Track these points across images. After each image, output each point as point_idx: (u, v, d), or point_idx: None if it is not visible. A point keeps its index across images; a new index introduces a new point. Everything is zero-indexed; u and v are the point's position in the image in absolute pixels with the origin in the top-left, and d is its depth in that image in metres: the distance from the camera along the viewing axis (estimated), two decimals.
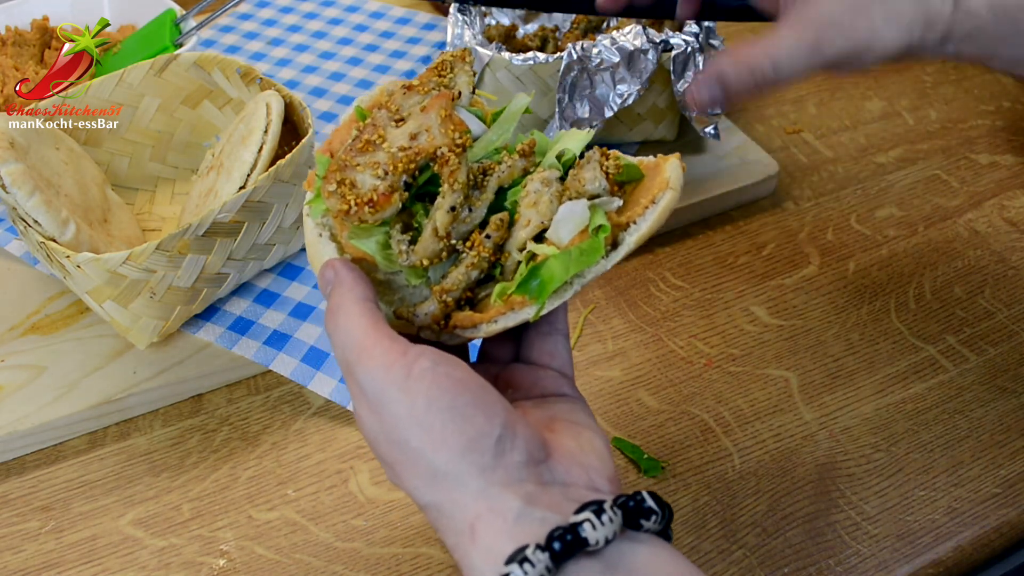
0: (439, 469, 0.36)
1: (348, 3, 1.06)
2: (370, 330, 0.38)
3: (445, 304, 0.42)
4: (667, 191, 0.41)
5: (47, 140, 0.67)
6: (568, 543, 0.34)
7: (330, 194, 0.42)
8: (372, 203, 0.41)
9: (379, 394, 0.37)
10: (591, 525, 0.34)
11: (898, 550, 0.56)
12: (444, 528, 0.37)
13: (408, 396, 0.36)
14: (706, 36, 0.76)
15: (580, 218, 0.41)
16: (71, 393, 0.62)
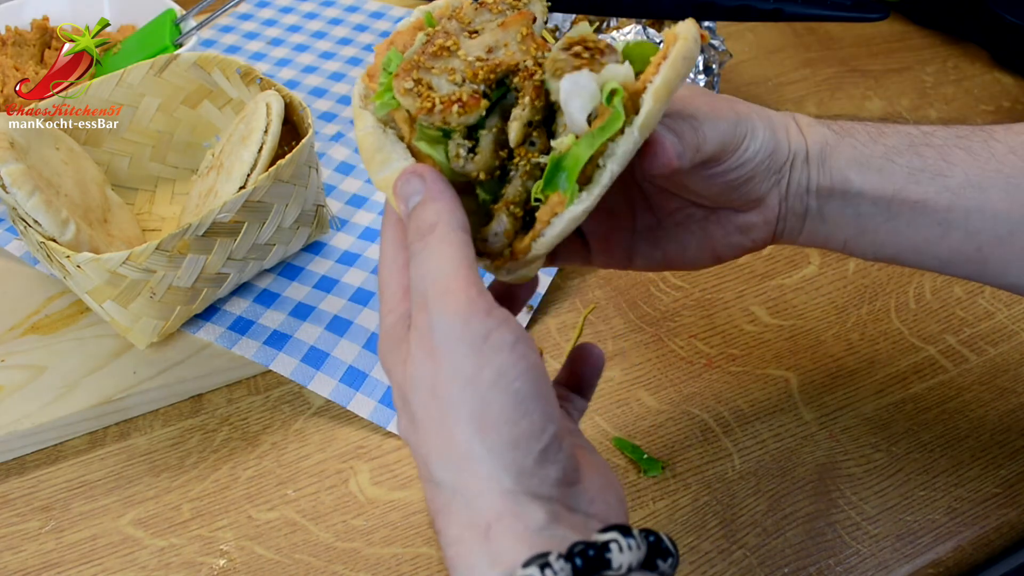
0: (475, 451, 0.33)
1: (348, 3, 1.06)
2: (462, 270, 0.35)
3: (514, 217, 0.39)
4: (677, 41, 0.39)
5: (47, 140, 0.67)
6: (590, 559, 0.31)
7: (407, 91, 0.39)
8: (462, 103, 0.39)
9: (448, 343, 0.34)
10: (618, 547, 0.32)
11: (898, 550, 0.57)
12: (451, 514, 0.34)
13: (478, 360, 0.33)
14: None
15: (587, 90, 0.38)
16: (71, 393, 0.62)
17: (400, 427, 0.37)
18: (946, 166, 0.47)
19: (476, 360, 0.33)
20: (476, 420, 0.33)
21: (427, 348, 0.34)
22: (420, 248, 0.36)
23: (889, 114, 0.92)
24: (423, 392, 0.34)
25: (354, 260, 0.72)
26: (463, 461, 0.33)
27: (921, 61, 1.00)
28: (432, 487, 0.35)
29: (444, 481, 0.34)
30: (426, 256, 0.36)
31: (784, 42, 1.03)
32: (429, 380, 0.34)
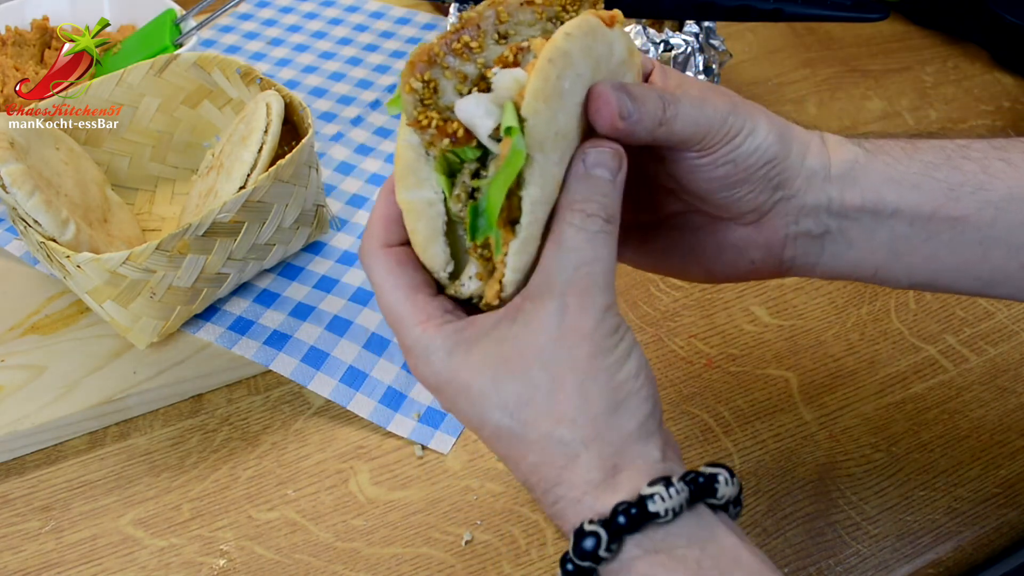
0: (606, 411, 0.37)
1: (348, 3, 1.06)
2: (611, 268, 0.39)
3: (484, 259, 0.39)
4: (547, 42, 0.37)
5: (47, 140, 0.67)
6: (702, 486, 0.36)
7: (412, 90, 0.38)
8: (455, 138, 0.37)
9: (593, 329, 0.37)
10: (724, 480, 0.37)
11: (898, 550, 0.57)
12: (577, 466, 0.37)
13: (614, 342, 0.38)
14: (706, 36, 0.76)
15: (476, 114, 0.37)
16: (71, 393, 0.62)
17: (493, 410, 0.38)
18: (987, 179, 0.45)
19: (614, 340, 0.38)
20: (611, 387, 0.37)
21: (572, 327, 0.37)
22: (597, 230, 0.38)
23: (889, 114, 0.92)
24: (556, 368, 0.37)
25: (354, 260, 0.72)
26: (599, 419, 0.37)
27: (921, 61, 1.00)
28: (554, 449, 0.37)
29: (574, 439, 0.37)
30: (600, 244, 0.38)
31: (784, 42, 1.03)
32: (568, 356, 0.37)
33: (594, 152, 0.39)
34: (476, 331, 0.39)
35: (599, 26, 0.39)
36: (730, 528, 0.37)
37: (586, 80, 0.38)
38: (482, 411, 0.38)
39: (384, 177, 0.81)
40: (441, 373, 0.39)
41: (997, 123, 0.91)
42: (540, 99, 0.36)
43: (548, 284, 0.38)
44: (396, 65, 0.96)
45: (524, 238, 0.38)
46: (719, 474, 0.37)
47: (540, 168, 0.37)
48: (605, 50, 0.39)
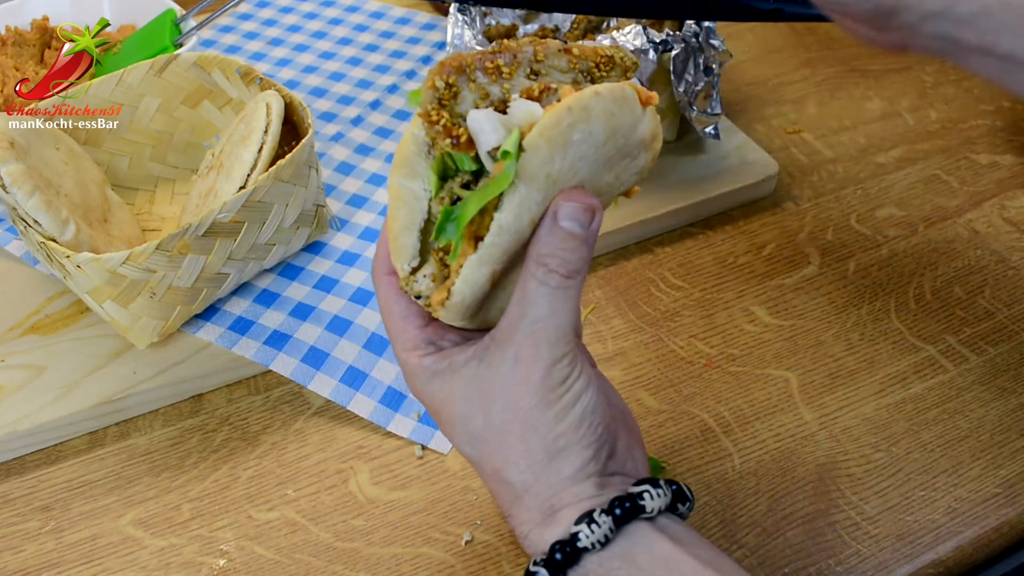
0: (546, 459, 0.40)
1: (348, 3, 1.06)
2: (572, 326, 0.40)
3: (442, 263, 0.40)
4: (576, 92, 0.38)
5: (47, 140, 0.67)
6: (628, 509, 0.39)
7: (433, 86, 0.39)
8: (457, 140, 0.38)
9: (539, 382, 0.39)
10: (650, 496, 0.39)
11: (898, 550, 0.56)
12: (522, 505, 0.40)
13: (558, 395, 0.40)
14: (706, 36, 0.76)
15: (485, 129, 0.38)
16: (71, 393, 0.62)
17: (460, 439, 0.42)
18: None
19: (557, 393, 0.40)
20: (550, 438, 0.40)
21: (522, 378, 0.40)
22: (556, 286, 0.39)
23: (889, 114, 0.92)
24: (508, 413, 0.40)
25: (354, 260, 0.72)
26: (537, 466, 0.40)
27: (921, 61, 1.00)
28: (503, 486, 0.41)
29: (517, 481, 0.40)
30: (557, 300, 0.39)
31: (784, 42, 1.03)
32: (515, 404, 0.40)
33: (566, 206, 0.39)
34: (450, 365, 0.42)
35: (632, 100, 0.40)
36: (668, 535, 0.40)
37: (598, 143, 0.39)
38: (452, 435, 0.43)
39: (384, 177, 0.81)
40: (421, 395, 0.43)
41: (997, 123, 0.91)
42: (545, 138, 0.37)
43: (509, 331, 0.40)
44: (396, 65, 0.96)
45: (481, 256, 0.38)
46: (644, 492, 0.40)
47: (520, 199, 0.38)
48: (628, 124, 0.40)
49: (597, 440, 0.40)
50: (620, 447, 0.42)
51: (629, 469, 0.42)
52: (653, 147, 0.43)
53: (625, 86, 0.39)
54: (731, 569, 0.40)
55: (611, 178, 0.42)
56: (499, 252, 0.39)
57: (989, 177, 0.85)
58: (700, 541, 0.41)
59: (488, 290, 0.40)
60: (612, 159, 0.41)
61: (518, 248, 0.40)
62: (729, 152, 0.82)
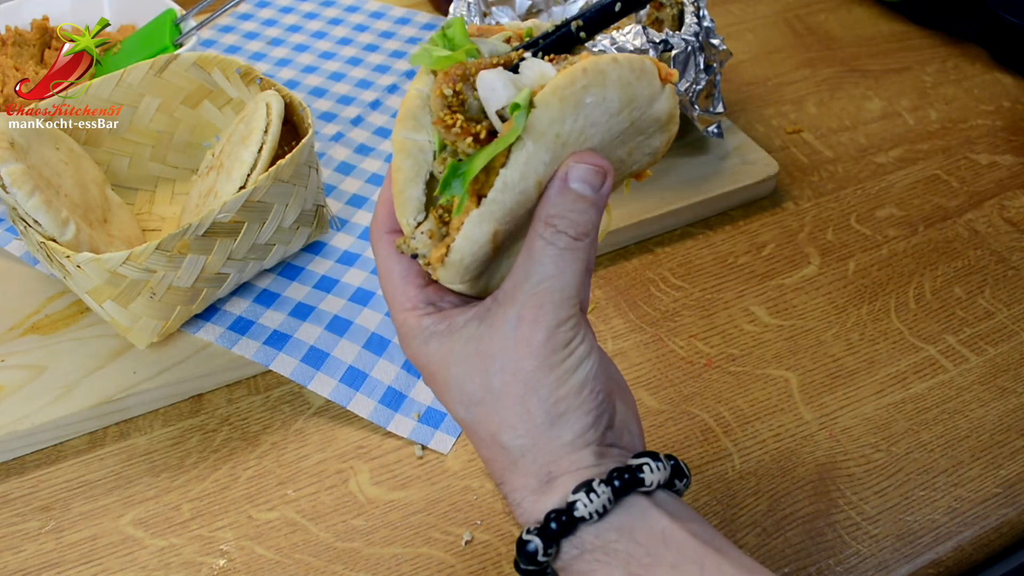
0: (546, 422, 0.39)
1: (348, 3, 1.06)
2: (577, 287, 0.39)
3: (441, 221, 0.40)
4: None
5: (47, 140, 0.67)
6: (627, 480, 0.38)
7: (440, 95, 0.38)
8: (477, 138, 0.38)
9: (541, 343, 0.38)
10: (649, 469, 0.39)
11: (898, 550, 0.56)
12: (517, 469, 0.40)
13: (561, 358, 0.39)
14: (706, 35, 0.76)
15: (495, 89, 0.37)
16: (71, 393, 0.62)
17: (455, 403, 0.41)
18: None
19: (560, 356, 0.39)
20: (551, 402, 0.39)
21: (523, 338, 0.39)
22: (564, 247, 0.38)
23: (889, 114, 0.92)
24: (507, 374, 0.39)
25: (354, 260, 0.72)
26: (536, 431, 0.39)
27: (921, 61, 1.00)
28: (498, 450, 0.40)
29: (514, 445, 0.39)
30: (564, 261, 0.39)
31: (784, 42, 1.03)
32: (515, 365, 0.39)
33: (577, 167, 0.38)
34: (450, 326, 0.41)
35: (652, 74, 0.39)
36: (665, 510, 0.39)
37: (611, 110, 0.38)
38: (447, 399, 0.42)
39: (384, 177, 0.81)
40: (418, 356, 0.42)
41: (997, 123, 0.91)
42: (557, 96, 0.37)
43: (512, 291, 0.39)
44: (396, 65, 0.96)
45: (483, 212, 0.38)
46: (644, 464, 0.39)
47: (528, 156, 0.37)
48: (645, 97, 0.39)
49: (598, 407, 0.40)
50: (618, 419, 0.41)
51: (626, 442, 0.42)
52: (669, 129, 0.42)
53: (646, 59, 0.39)
54: (727, 547, 0.39)
55: (623, 154, 0.41)
56: (502, 210, 0.38)
57: (989, 177, 0.85)
58: (697, 518, 0.40)
59: (490, 253, 0.40)
60: (626, 133, 0.40)
61: (523, 213, 0.39)
62: (729, 152, 0.82)
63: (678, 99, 0.42)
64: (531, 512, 0.39)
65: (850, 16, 1.07)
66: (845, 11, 1.08)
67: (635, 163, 0.43)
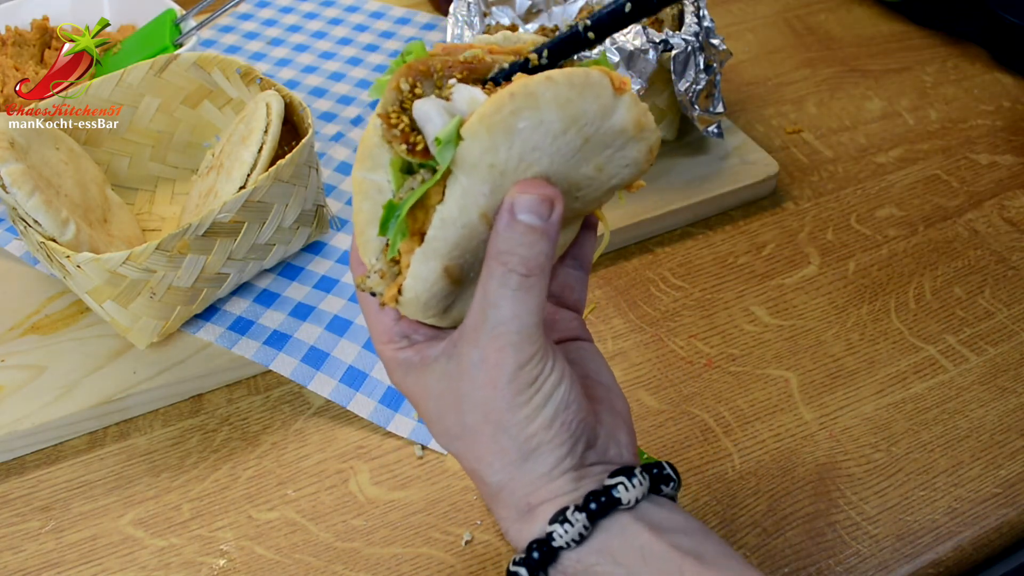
0: (520, 459, 0.39)
1: (348, 3, 1.06)
2: (538, 323, 0.38)
3: (392, 261, 0.39)
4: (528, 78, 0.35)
5: (47, 140, 0.67)
6: (603, 503, 0.38)
7: (397, 88, 0.37)
8: (413, 148, 0.36)
9: (506, 383, 0.38)
10: (624, 487, 0.39)
11: (898, 550, 0.56)
12: (500, 502, 0.40)
13: (528, 396, 0.38)
14: (706, 35, 0.76)
15: (430, 118, 0.36)
16: (71, 393, 0.62)
17: (438, 436, 0.42)
18: None
19: (527, 395, 0.38)
20: (522, 439, 0.39)
21: (488, 381, 0.38)
22: (516, 287, 0.37)
23: (889, 114, 0.92)
24: (478, 414, 0.39)
25: None
26: (511, 467, 0.39)
27: (921, 61, 1.00)
28: (482, 484, 0.41)
29: (492, 481, 0.40)
30: (519, 302, 0.37)
31: (784, 42, 1.03)
32: (484, 407, 0.39)
33: (520, 198, 0.36)
34: (423, 360, 0.41)
35: (599, 86, 0.37)
36: (647, 524, 0.39)
37: (553, 131, 0.36)
38: (431, 430, 0.42)
39: None
40: (400, 388, 0.43)
41: (997, 123, 0.91)
42: (483, 125, 0.35)
43: (473, 332, 0.38)
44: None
45: (426, 250, 0.37)
46: (618, 484, 0.39)
47: (463, 190, 0.36)
48: (593, 112, 0.37)
49: (572, 436, 0.39)
50: (602, 433, 0.41)
51: (612, 455, 0.41)
52: (644, 138, 0.40)
53: (592, 71, 0.37)
54: (715, 553, 0.39)
55: (591, 171, 0.40)
56: (447, 246, 0.37)
57: (989, 177, 0.85)
58: (682, 527, 0.39)
59: (448, 288, 0.39)
60: (584, 150, 0.38)
61: (476, 245, 0.38)
62: (729, 152, 0.82)
63: (645, 106, 0.39)
64: (517, 540, 0.40)
65: (850, 16, 1.07)
66: (845, 11, 1.08)
67: (614, 176, 0.41)
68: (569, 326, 0.45)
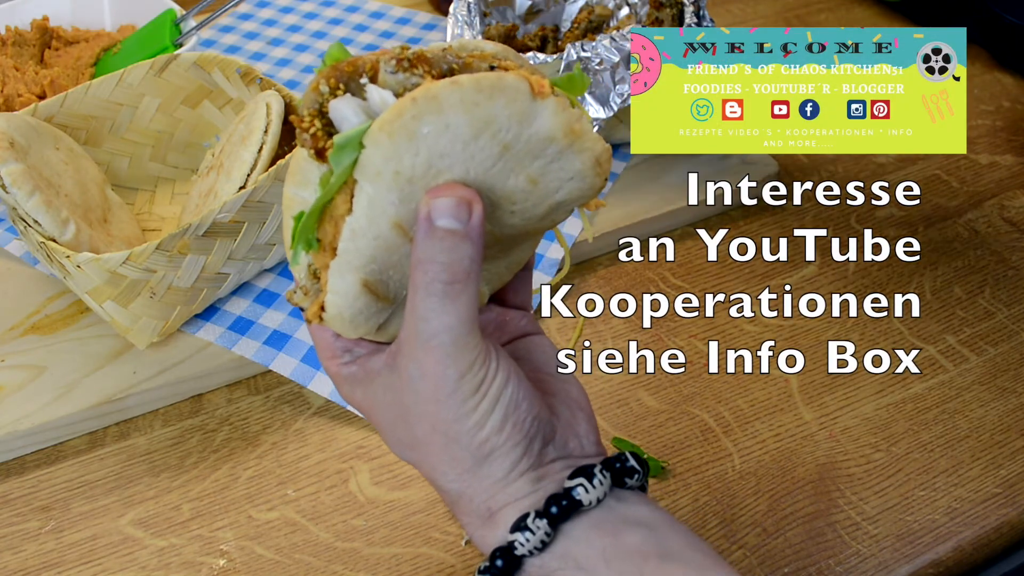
0: (473, 466, 0.38)
1: (348, 3, 1.06)
2: (470, 329, 0.37)
3: (313, 275, 0.38)
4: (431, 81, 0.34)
5: (47, 140, 0.67)
6: (563, 507, 0.37)
7: (315, 90, 0.35)
8: (321, 153, 0.35)
9: (449, 393, 0.37)
10: (584, 489, 0.38)
11: (898, 550, 0.56)
12: (460, 508, 0.40)
13: (473, 403, 0.37)
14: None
15: (345, 118, 0.34)
16: (71, 393, 0.62)
17: (393, 447, 0.41)
18: None
19: (472, 403, 0.37)
20: (474, 447, 0.38)
21: (431, 394, 0.37)
22: (442, 295, 0.36)
23: None
24: (426, 425, 0.38)
25: None
26: (467, 475, 0.39)
27: None
28: (440, 491, 0.40)
29: (451, 489, 0.39)
30: (447, 312, 0.36)
31: None
32: (432, 419, 0.38)
33: (435, 202, 0.35)
34: (367, 374, 0.41)
35: (512, 89, 0.34)
36: (609, 524, 0.38)
37: (462, 137, 0.34)
38: (385, 441, 0.42)
39: None
40: (350, 402, 0.42)
41: (997, 123, 0.91)
42: (384, 131, 0.33)
43: (408, 345, 0.37)
44: None
45: (340, 264, 0.36)
46: (578, 486, 0.38)
47: (369, 200, 0.34)
48: (506, 116, 0.34)
49: (525, 437, 0.38)
50: (559, 426, 0.40)
51: (572, 448, 0.40)
52: (582, 147, 0.36)
53: (505, 74, 0.34)
54: (681, 546, 0.38)
55: (523, 183, 0.37)
56: (360, 259, 0.36)
57: (989, 177, 0.85)
58: (647, 521, 0.38)
59: (374, 303, 0.38)
60: (505, 159, 0.35)
61: (398, 258, 0.37)
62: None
63: (578, 113, 0.36)
64: (482, 547, 0.39)
65: (850, 16, 1.07)
66: (845, 11, 1.08)
67: (557, 190, 0.38)
68: (519, 324, 0.45)
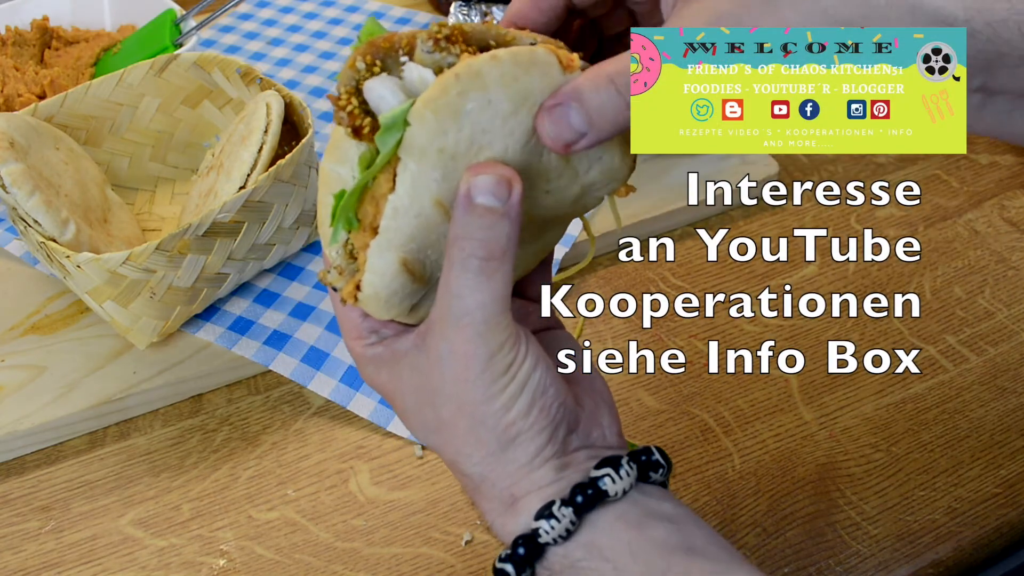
0: (498, 450, 0.38)
1: (348, 3, 1.06)
2: (503, 308, 0.37)
3: (349, 254, 0.38)
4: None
5: (47, 140, 0.67)
6: (589, 496, 0.37)
7: (352, 67, 0.35)
8: (358, 130, 0.35)
9: (478, 373, 0.37)
10: (611, 479, 0.38)
11: (898, 550, 0.56)
12: (483, 494, 0.39)
13: (502, 385, 0.37)
14: None
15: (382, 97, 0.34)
16: (71, 393, 0.62)
17: (416, 430, 0.41)
18: None
19: (501, 385, 0.37)
20: (500, 429, 0.38)
21: (460, 374, 0.37)
22: (477, 272, 0.36)
23: None
24: (452, 407, 0.38)
25: None
26: (491, 458, 0.38)
27: None
28: (463, 477, 0.40)
29: (473, 473, 0.39)
30: (481, 291, 0.36)
31: None
32: (458, 399, 0.38)
33: (477, 179, 0.35)
34: (394, 355, 0.40)
35: (544, 62, 0.35)
36: (634, 516, 0.38)
37: (503, 112, 0.35)
38: (408, 425, 0.42)
39: None
40: (373, 384, 0.42)
41: None
42: (430, 108, 0.34)
43: (439, 324, 0.37)
44: None
45: (381, 242, 0.36)
46: (605, 476, 0.38)
47: (413, 177, 0.35)
48: (540, 90, 0.35)
49: (551, 423, 0.38)
50: (583, 417, 0.40)
51: (595, 439, 0.40)
52: None
53: (537, 49, 0.35)
54: (705, 542, 0.38)
55: (555, 160, 0.37)
56: (401, 237, 0.36)
57: (989, 177, 0.85)
58: (671, 515, 0.38)
59: (410, 284, 0.37)
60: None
61: (436, 237, 0.37)
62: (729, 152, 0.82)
63: None
64: (503, 534, 0.39)
65: None
66: None
67: (589, 169, 0.38)
68: (540, 317, 0.45)
